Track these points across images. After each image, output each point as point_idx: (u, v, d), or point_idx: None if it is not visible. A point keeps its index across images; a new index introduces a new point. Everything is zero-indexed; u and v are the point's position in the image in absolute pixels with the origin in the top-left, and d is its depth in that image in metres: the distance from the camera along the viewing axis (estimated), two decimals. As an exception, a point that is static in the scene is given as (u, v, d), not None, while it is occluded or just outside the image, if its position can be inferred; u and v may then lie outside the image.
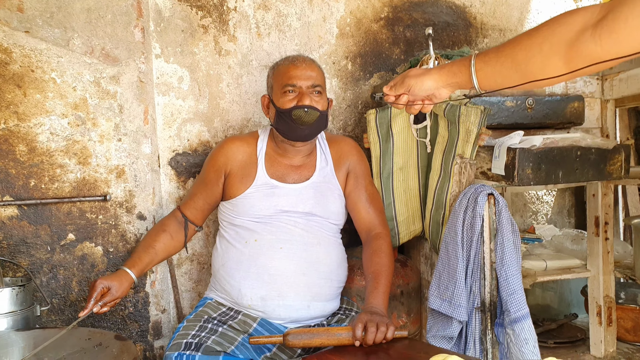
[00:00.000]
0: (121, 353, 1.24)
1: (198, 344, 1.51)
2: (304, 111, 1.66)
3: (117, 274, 1.59)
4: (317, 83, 1.69)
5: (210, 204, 1.83)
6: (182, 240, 1.82)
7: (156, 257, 1.74)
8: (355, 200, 1.83)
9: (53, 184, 1.87)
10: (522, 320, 1.48)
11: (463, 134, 1.72)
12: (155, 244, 1.74)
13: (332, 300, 1.73)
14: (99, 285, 1.52)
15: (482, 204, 1.60)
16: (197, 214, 1.83)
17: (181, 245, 1.83)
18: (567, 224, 2.80)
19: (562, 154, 1.71)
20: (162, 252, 1.76)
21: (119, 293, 1.55)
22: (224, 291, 1.70)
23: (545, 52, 0.97)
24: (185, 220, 1.82)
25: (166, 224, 1.82)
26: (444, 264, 1.66)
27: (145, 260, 1.68)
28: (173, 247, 1.80)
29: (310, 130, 1.70)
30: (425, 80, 1.23)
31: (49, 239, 1.87)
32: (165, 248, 1.77)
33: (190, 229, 1.84)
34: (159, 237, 1.77)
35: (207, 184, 1.80)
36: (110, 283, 1.54)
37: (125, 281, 1.58)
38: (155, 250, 1.73)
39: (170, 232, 1.79)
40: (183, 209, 1.84)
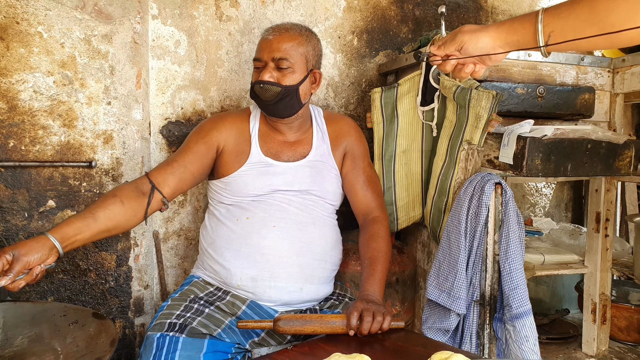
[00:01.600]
0: (99, 333, 1.15)
1: (183, 325, 1.42)
2: (260, 87, 1.57)
3: (28, 241, 1.24)
4: (282, 56, 1.56)
5: (194, 175, 1.61)
6: (139, 211, 1.49)
7: (95, 225, 1.37)
8: (352, 181, 1.75)
9: (34, 146, 1.76)
10: (524, 316, 1.42)
11: (472, 119, 1.64)
12: (97, 210, 1.40)
13: (326, 283, 1.65)
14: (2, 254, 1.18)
15: (488, 194, 1.53)
16: (172, 182, 1.56)
17: (137, 216, 1.49)
18: (564, 218, 2.76)
19: (572, 146, 1.64)
20: (104, 220, 1.40)
21: (31, 259, 1.20)
22: (212, 270, 1.61)
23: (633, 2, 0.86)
24: (152, 187, 1.52)
25: (121, 189, 1.49)
26: (445, 253, 1.60)
27: (75, 225, 1.33)
28: (122, 216, 1.44)
29: (276, 107, 1.59)
30: (481, 36, 1.11)
31: (26, 205, 1.76)
32: (109, 215, 1.41)
33: (156, 199, 1.52)
34: (105, 202, 1.43)
35: (195, 153, 1.62)
36: (13, 250, 1.19)
37: (39, 247, 1.23)
38: (95, 216, 1.38)
39: (122, 198, 1.45)
40: (152, 174, 1.55)
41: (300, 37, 1.60)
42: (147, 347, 1.39)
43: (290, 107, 1.61)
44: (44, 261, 1.24)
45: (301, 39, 1.60)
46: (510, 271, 1.47)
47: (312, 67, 1.65)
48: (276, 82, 1.57)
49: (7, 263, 1.17)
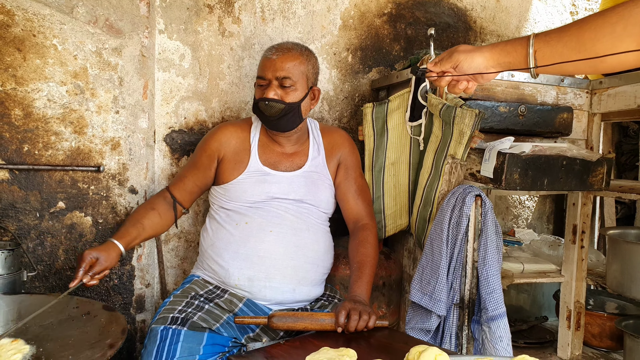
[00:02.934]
0: (109, 323, 1.26)
1: (184, 319, 1.54)
2: (264, 103, 1.69)
3: (104, 246, 1.58)
4: (285, 75, 1.69)
5: (200, 188, 1.84)
6: (170, 219, 1.81)
7: (143, 233, 1.72)
8: (345, 191, 1.87)
9: (47, 151, 1.87)
10: (499, 318, 1.55)
11: (456, 135, 1.77)
12: (143, 220, 1.73)
13: (317, 285, 1.77)
14: (87, 255, 1.51)
15: (469, 204, 1.65)
16: (185, 196, 1.83)
17: (168, 224, 1.82)
18: (546, 230, 2.89)
19: (548, 162, 1.77)
20: (150, 229, 1.75)
21: (107, 263, 1.54)
22: (212, 270, 1.73)
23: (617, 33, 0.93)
24: (174, 201, 1.82)
25: (155, 202, 1.81)
26: (428, 259, 1.72)
27: (132, 234, 1.67)
28: (160, 226, 1.79)
29: (279, 122, 1.72)
30: (475, 56, 1.18)
31: (38, 206, 1.87)
32: (152, 226, 1.75)
33: (179, 210, 1.84)
34: (148, 214, 1.76)
35: (199, 167, 1.81)
36: (98, 254, 1.53)
37: (113, 252, 1.57)
38: (143, 226, 1.72)
39: (158, 211, 1.78)
40: (172, 189, 1.83)
41: (301, 57, 1.73)
42: (151, 338, 1.50)
43: (292, 122, 1.74)
44: (113, 266, 1.59)
45: (302, 59, 1.73)
46: (487, 277, 1.59)
47: (312, 85, 1.78)
48: (280, 100, 1.69)
49: (92, 262, 1.51)
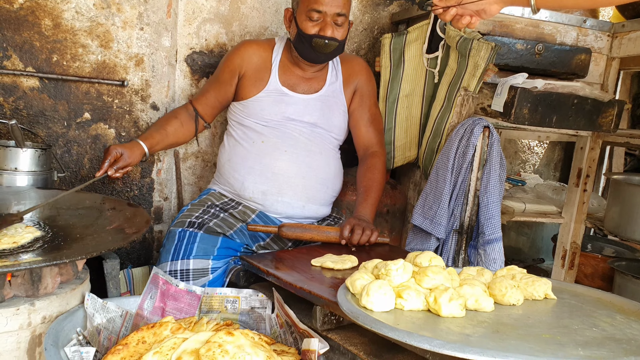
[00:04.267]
0: (134, 216, 1.38)
1: (201, 223, 1.66)
2: (324, 42, 1.71)
3: (129, 144, 1.71)
4: (342, 11, 1.71)
5: (221, 102, 1.92)
6: (192, 130, 1.91)
7: (166, 139, 1.83)
8: (358, 118, 1.94)
9: (74, 63, 1.94)
10: (494, 242, 1.64)
11: (471, 67, 1.80)
12: (166, 126, 1.84)
13: (325, 205, 1.87)
14: (113, 150, 1.63)
15: (477, 135, 1.71)
16: (207, 110, 1.92)
17: (190, 135, 1.92)
18: (552, 177, 2.95)
19: (559, 100, 1.81)
20: (172, 136, 1.85)
21: (131, 159, 1.66)
22: (228, 184, 1.83)
23: None
24: (196, 113, 1.91)
25: (178, 112, 1.91)
26: (432, 186, 1.80)
27: (156, 137, 1.79)
28: (182, 135, 1.89)
29: (327, 57, 1.79)
30: None
31: (66, 115, 1.97)
32: (174, 133, 1.86)
33: (200, 123, 1.93)
34: (171, 121, 1.87)
35: (221, 82, 1.88)
36: (123, 150, 1.65)
37: (137, 150, 1.69)
38: (166, 131, 1.82)
39: (181, 120, 1.88)
40: (195, 103, 1.92)
41: None
42: (169, 238, 1.63)
43: (333, 57, 1.80)
44: (136, 163, 1.72)
45: None
46: (488, 203, 1.68)
47: None
48: (336, 38, 1.72)
49: (117, 157, 1.62)
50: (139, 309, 1.24)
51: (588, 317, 1.05)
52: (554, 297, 1.17)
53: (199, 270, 1.54)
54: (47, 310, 1.11)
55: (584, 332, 0.96)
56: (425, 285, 1.08)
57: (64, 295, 1.14)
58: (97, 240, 1.19)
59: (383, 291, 1.01)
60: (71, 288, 1.15)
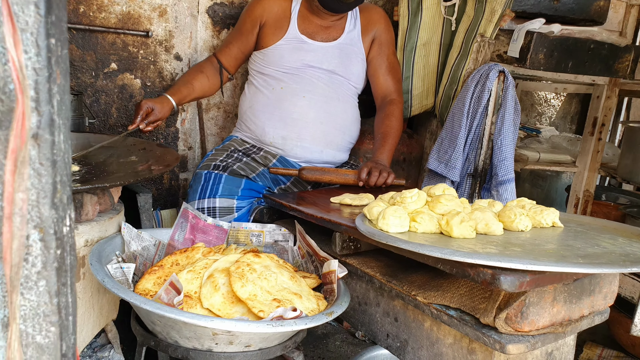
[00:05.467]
0: (164, 154, 1.46)
1: (225, 166, 1.75)
2: None
3: (159, 99, 1.77)
4: None
5: (244, 53, 1.97)
6: (217, 83, 1.98)
7: (193, 93, 1.90)
8: (376, 67, 1.98)
9: (100, 13, 2.01)
10: (507, 183, 1.70)
11: (488, 13, 1.82)
12: (193, 81, 1.91)
13: (343, 151, 1.94)
14: (144, 105, 1.71)
15: (492, 79, 1.75)
16: (231, 62, 1.98)
17: (215, 88, 1.99)
18: (568, 130, 2.96)
19: (576, 45, 1.82)
20: (199, 90, 1.92)
21: (161, 114, 1.74)
22: (249, 130, 1.91)
23: None
24: (220, 66, 1.97)
25: (203, 66, 1.97)
26: (448, 131, 1.85)
27: (183, 92, 1.85)
28: (208, 88, 1.96)
29: (349, 7, 1.82)
30: None
31: (93, 65, 2.05)
32: (201, 87, 1.93)
33: (224, 75, 2.00)
34: (197, 76, 1.93)
35: (243, 33, 1.94)
36: (153, 105, 1.73)
37: (166, 105, 1.76)
38: (193, 86, 1.89)
39: (206, 74, 1.95)
40: (219, 55, 1.98)
41: None
42: (196, 179, 1.72)
43: (355, 5, 1.83)
44: (166, 117, 1.79)
45: None
46: (502, 145, 1.73)
47: None
48: None
49: (149, 112, 1.71)
50: (171, 239, 1.34)
51: (591, 239, 1.12)
52: (561, 225, 1.23)
53: (225, 208, 1.64)
54: (89, 234, 1.21)
55: (585, 249, 1.02)
56: (438, 211, 1.15)
57: (103, 223, 1.24)
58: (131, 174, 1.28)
59: (398, 214, 1.09)
60: (109, 217, 1.24)
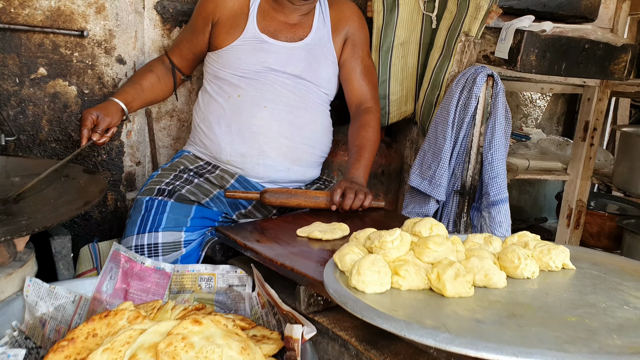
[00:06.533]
0: (89, 184, 1.20)
1: (172, 191, 1.48)
2: None
3: (102, 104, 1.53)
4: None
5: (196, 54, 1.74)
6: (170, 85, 1.75)
7: (142, 94, 1.66)
8: (349, 70, 1.74)
9: (23, 10, 1.71)
10: (500, 203, 1.49)
11: (472, 9, 1.60)
12: (141, 81, 1.66)
13: (313, 167, 1.70)
14: (87, 114, 1.47)
15: (480, 85, 1.53)
16: (183, 62, 1.76)
17: (168, 90, 1.77)
18: (555, 131, 2.79)
19: (569, 45, 1.62)
20: (149, 92, 1.68)
21: (110, 119, 1.50)
22: (203, 145, 1.65)
23: None
24: (172, 66, 1.75)
25: (153, 65, 1.74)
26: (431, 143, 1.63)
27: (131, 93, 1.61)
28: (160, 90, 1.73)
29: None
30: None
31: (17, 70, 1.74)
32: (151, 88, 1.69)
33: (178, 76, 1.77)
34: (146, 75, 1.69)
35: (194, 31, 1.70)
36: (97, 111, 1.48)
37: (112, 107, 1.52)
38: (142, 87, 1.65)
39: (157, 73, 1.71)
40: (170, 54, 1.77)
41: None
42: (136, 208, 1.45)
43: None
44: (118, 123, 1.54)
45: None
46: (492, 161, 1.51)
47: None
48: None
49: (95, 121, 1.45)
50: (97, 291, 1.08)
51: (615, 290, 0.91)
52: (572, 267, 1.02)
53: (170, 244, 1.38)
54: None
55: (614, 311, 0.81)
56: (426, 259, 0.92)
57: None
58: (42, 213, 1.01)
59: (376, 268, 0.86)
60: (6, 273, 0.97)
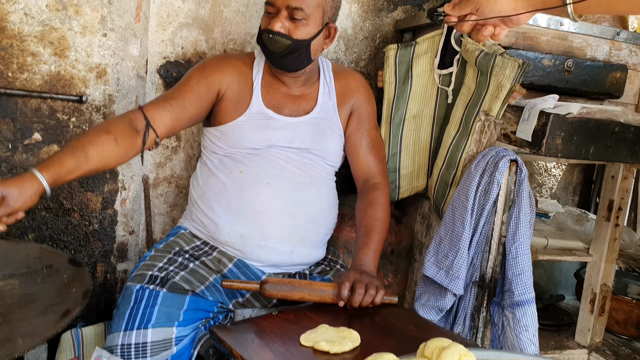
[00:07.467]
0: (73, 281, 1.07)
1: (164, 278, 1.35)
2: (268, 37, 1.42)
3: (19, 178, 1.12)
4: (297, 5, 1.40)
5: (191, 117, 1.48)
6: (134, 149, 1.36)
7: (86, 165, 1.24)
8: (356, 143, 1.64)
9: (22, 74, 1.63)
10: (526, 304, 1.34)
11: (493, 88, 1.51)
12: (89, 146, 1.26)
13: (318, 247, 1.57)
14: None
15: (502, 170, 1.42)
16: (167, 121, 1.42)
17: (130, 155, 1.37)
18: (571, 202, 2.67)
19: (598, 128, 1.52)
20: (96, 160, 1.26)
21: (19, 204, 1.09)
22: (200, 223, 1.52)
23: None
24: (147, 124, 1.37)
25: (114, 124, 1.35)
26: (448, 229, 1.50)
27: (67, 164, 1.20)
28: (114, 156, 1.32)
29: (282, 60, 1.46)
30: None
31: (11, 136, 1.66)
32: (102, 155, 1.28)
33: (151, 137, 1.39)
34: (99, 139, 1.28)
35: (194, 92, 1.48)
36: (6, 190, 1.08)
37: (29, 189, 1.11)
38: (87, 155, 1.24)
39: (116, 135, 1.31)
40: (147, 110, 1.40)
41: None
42: (125, 297, 1.32)
43: (299, 63, 1.48)
44: (30, 206, 1.12)
45: None
46: (517, 255, 1.38)
47: (328, 21, 1.50)
48: (287, 35, 1.42)
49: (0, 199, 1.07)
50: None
51: None
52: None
53: (160, 342, 1.24)
54: None
55: None
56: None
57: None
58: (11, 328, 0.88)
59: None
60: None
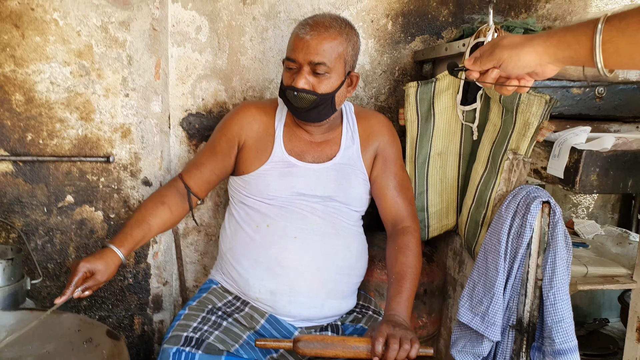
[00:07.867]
0: (111, 356, 1.09)
1: (199, 339, 1.36)
2: (293, 94, 1.42)
3: (103, 255, 1.34)
4: (320, 60, 1.40)
5: (219, 176, 1.61)
6: (183, 213, 1.58)
7: (149, 233, 1.48)
8: (382, 186, 1.62)
9: (52, 140, 1.69)
10: (569, 353, 1.29)
11: (520, 126, 1.47)
12: (150, 218, 1.48)
13: (349, 297, 1.56)
14: (82, 268, 1.29)
15: (534, 213, 1.38)
16: (201, 185, 1.59)
17: (181, 217, 1.59)
18: (610, 220, 2.57)
19: (635, 159, 1.45)
20: (157, 228, 1.50)
21: (104, 278, 1.32)
22: (231, 277, 1.53)
23: None
24: (188, 191, 1.57)
25: (165, 195, 1.55)
26: (481, 274, 1.47)
27: (137, 237, 1.43)
28: (170, 223, 1.55)
29: (308, 114, 1.47)
30: (523, 53, 0.93)
31: (45, 200, 1.71)
32: (161, 223, 1.51)
33: (194, 201, 1.60)
34: (157, 210, 1.50)
35: (218, 153, 1.58)
36: (94, 266, 1.30)
37: (112, 264, 1.34)
38: (150, 225, 1.47)
39: (169, 205, 1.53)
40: (186, 178, 1.58)
41: (341, 37, 1.42)
42: (161, 362, 1.33)
43: (324, 115, 1.48)
44: (111, 278, 1.36)
45: (341, 39, 1.42)
46: (555, 302, 1.33)
47: (350, 70, 1.49)
48: (311, 91, 1.42)
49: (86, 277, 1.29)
50: None
51: None
52: None
53: (199, 405, 1.25)
54: None
55: None
56: None
57: None
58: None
59: None
60: None
